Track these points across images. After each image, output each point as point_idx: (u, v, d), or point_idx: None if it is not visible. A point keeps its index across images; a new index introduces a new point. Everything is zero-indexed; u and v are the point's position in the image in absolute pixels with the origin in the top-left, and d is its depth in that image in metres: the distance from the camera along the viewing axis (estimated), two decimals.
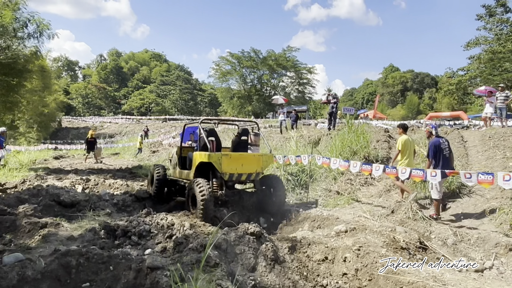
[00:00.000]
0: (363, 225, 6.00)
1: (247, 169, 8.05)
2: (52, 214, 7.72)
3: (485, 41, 45.08)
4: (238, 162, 7.95)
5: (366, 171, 7.34)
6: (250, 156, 8.34)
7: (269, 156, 8.43)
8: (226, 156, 7.80)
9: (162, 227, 6.43)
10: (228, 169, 7.78)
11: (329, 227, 6.39)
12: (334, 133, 14.65)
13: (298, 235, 5.72)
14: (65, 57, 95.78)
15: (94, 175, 14.29)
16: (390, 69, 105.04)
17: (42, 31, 14.55)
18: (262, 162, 8.22)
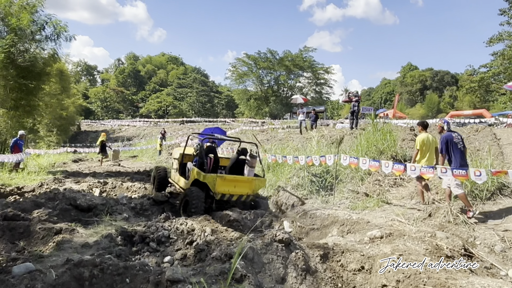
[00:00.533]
0: (399, 230, 5.51)
1: (239, 191, 8.56)
2: (69, 218, 7.48)
3: (508, 36, 43.69)
4: (232, 184, 8.49)
5: (398, 171, 6.82)
6: (244, 179, 8.78)
7: (261, 180, 8.91)
8: (220, 177, 8.35)
9: (181, 232, 6.06)
10: (221, 190, 8.33)
11: (360, 232, 5.91)
12: (357, 132, 14.11)
13: (329, 241, 5.27)
14: (84, 62, 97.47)
15: (112, 178, 14.09)
16: (409, 68, 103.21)
17: (59, 33, 14.47)
18: (254, 186, 8.70)
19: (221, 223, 7.03)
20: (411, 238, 4.90)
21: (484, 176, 5.76)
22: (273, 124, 34.50)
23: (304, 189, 9.15)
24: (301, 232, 7.01)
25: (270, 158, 10.68)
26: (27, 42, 13.71)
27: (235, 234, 5.75)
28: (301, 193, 8.98)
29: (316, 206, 8.23)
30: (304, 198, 8.85)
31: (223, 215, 7.33)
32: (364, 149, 10.00)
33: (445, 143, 6.88)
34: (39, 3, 13.66)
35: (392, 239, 5.03)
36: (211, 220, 6.55)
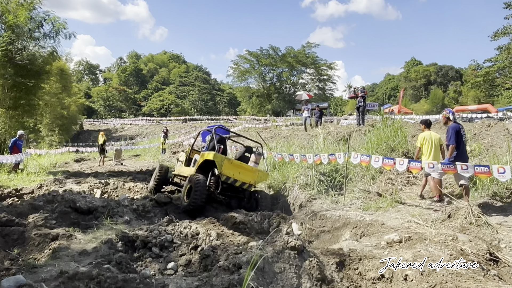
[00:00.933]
0: (418, 233, 5.16)
1: (243, 178, 8.97)
2: (68, 221, 7.16)
3: None
4: (237, 169, 8.93)
5: (415, 169, 6.45)
6: (249, 167, 9.29)
7: (264, 173, 9.56)
8: (228, 160, 8.85)
9: (185, 236, 5.74)
10: (226, 172, 8.71)
11: (376, 235, 5.56)
12: (364, 129, 13.74)
13: (343, 246, 4.92)
14: (86, 61, 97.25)
15: (114, 178, 13.78)
16: (412, 63, 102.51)
17: (58, 31, 14.12)
18: (257, 177, 9.22)
19: (227, 225, 6.69)
20: (433, 242, 4.54)
21: (509, 173, 5.39)
22: (276, 121, 34.13)
23: (312, 188, 8.79)
24: (311, 234, 6.67)
25: (276, 156, 10.33)
26: (25, 39, 13.38)
27: (242, 239, 5.42)
28: (309, 193, 8.63)
29: (325, 206, 7.87)
30: (313, 198, 8.49)
31: (229, 217, 6.99)
32: (374, 146, 9.63)
33: (454, 133, 6.70)
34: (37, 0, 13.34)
35: (412, 243, 4.68)
36: (216, 223, 6.22)
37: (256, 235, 6.57)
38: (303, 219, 7.18)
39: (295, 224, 6.87)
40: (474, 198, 6.82)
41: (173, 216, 6.33)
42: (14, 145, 13.43)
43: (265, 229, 6.94)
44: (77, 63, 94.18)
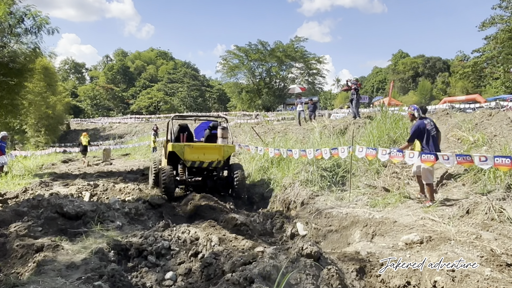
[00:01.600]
0: (437, 232, 4.77)
1: (209, 157, 9.55)
2: (55, 228, 6.65)
3: (501, 20, 43.33)
4: (201, 151, 9.53)
5: (429, 162, 6.02)
6: (212, 146, 9.78)
7: (230, 146, 9.97)
8: (188, 146, 9.50)
9: (184, 242, 5.26)
10: (190, 157, 9.42)
11: (390, 235, 5.15)
12: (361, 122, 13.36)
13: (359, 249, 4.51)
14: (71, 60, 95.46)
15: (104, 179, 13.24)
16: (400, 55, 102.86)
17: (40, 26, 13.41)
18: (223, 152, 9.66)
19: (227, 228, 6.23)
20: (458, 242, 4.15)
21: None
22: (267, 116, 33.68)
23: (314, 185, 8.36)
24: (318, 235, 6.24)
25: (272, 152, 9.88)
26: (6, 36, 12.67)
27: (247, 243, 4.96)
28: (311, 190, 8.20)
29: (329, 204, 7.45)
30: (315, 195, 8.07)
31: (229, 219, 6.53)
32: (376, 139, 9.25)
33: (415, 130, 6.64)
34: None
35: (435, 244, 4.28)
36: (216, 226, 5.74)
37: (259, 237, 6.13)
38: (308, 218, 6.76)
39: (300, 224, 6.44)
40: (485, 191, 6.44)
41: (169, 220, 5.84)
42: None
43: (268, 230, 6.52)
44: (62, 62, 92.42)
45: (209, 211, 7.75)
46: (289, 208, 8.35)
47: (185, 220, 7.46)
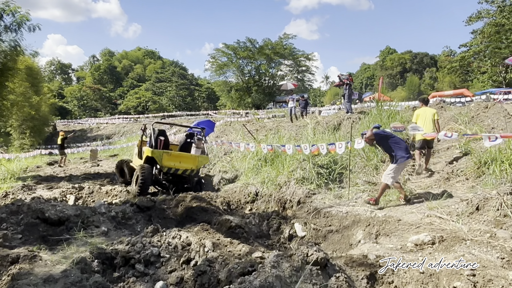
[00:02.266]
0: (446, 230, 4.44)
1: (184, 165, 10.31)
2: (36, 235, 6.19)
3: (487, 14, 43.65)
4: (177, 159, 10.30)
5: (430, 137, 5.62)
6: (188, 155, 10.59)
7: (204, 157, 10.87)
8: (167, 153, 10.22)
9: (175, 248, 4.85)
10: (167, 164, 10.15)
11: (396, 235, 4.82)
12: (354, 117, 13.06)
13: (365, 251, 4.16)
14: (57, 61, 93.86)
15: (90, 181, 12.74)
16: (387, 52, 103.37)
17: (21, 23, 12.81)
18: (198, 162, 10.48)
19: (221, 231, 5.84)
20: (475, 242, 3.82)
21: None
22: (257, 114, 33.31)
23: (310, 183, 7.99)
24: (317, 235, 5.89)
25: (265, 148, 9.49)
26: None
27: (243, 248, 4.57)
28: (308, 188, 7.84)
29: (327, 202, 7.10)
30: (312, 193, 7.71)
31: (223, 221, 6.13)
32: None
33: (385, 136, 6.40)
34: None
35: (448, 245, 3.95)
36: (209, 229, 5.33)
37: (255, 240, 5.75)
38: (306, 218, 6.39)
39: (298, 225, 6.08)
40: (491, 185, 6.15)
41: (158, 225, 5.41)
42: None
43: (264, 232, 6.14)
44: (48, 63, 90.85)
45: (201, 213, 7.34)
46: (285, 208, 7.98)
47: (176, 223, 7.04)
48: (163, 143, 10.86)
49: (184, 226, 6.11)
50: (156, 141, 10.65)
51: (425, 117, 7.75)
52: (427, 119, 7.71)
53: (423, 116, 7.79)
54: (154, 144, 10.54)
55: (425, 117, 7.75)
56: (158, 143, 10.71)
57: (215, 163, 13.58)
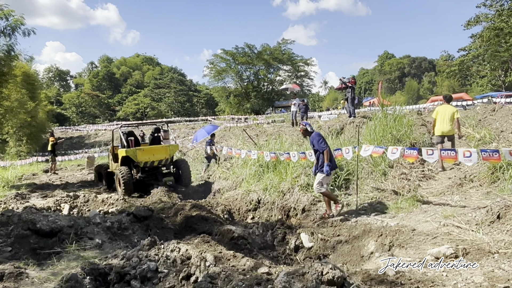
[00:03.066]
0: (470, 242, 4.09)
1: (158, 157, 11.38)
2: (27, 247, 5.84)
3: (486, 18, 43.60)
4: (150, 153, 11.32)
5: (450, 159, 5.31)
6: (159, 147, 11.67)
7: (175, 146, 12.15)
8: (140, 149, 11.16)
9: (174, 262, 4.49)
10: (142, 159, 11.09)
11: (412, 246, 4.47)
12: (358, 121, 12.75)
13: (381, 266, 3.80)
14: (56, 68, 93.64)
15: (86, 189, 12.39)
16: (386, 56, 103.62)
17: (15, 27, 12.49)
18: (170, 151, 11.62)
19: (223, 242, 5.48)
20: (503, 256, 3.47)
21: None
22: (257, 119, 33.01)
23: None
24: (325, 246, 5.52)
25: (268, 156, 9.14)
26: None
27: (248, 263, 4.21)
28: (312, 195, 7.48)
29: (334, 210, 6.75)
30: (317, 200, 7.36)
31: (224, 232, 5.77)
32: (379, 138, 8.59)
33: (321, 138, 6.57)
34: None
35: (473, 259, 3.61)
36: (211, 241, 4.97)
37: (259, 252, 5.40)
38: (312, 227, 6.03)
39: (305, 235, 5.71)
40: (508, 191, 5.80)
41: (156, 237, 5.04)
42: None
43: (269, 243, 5.78)
44: (46, 70, 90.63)
45: (201, 222, 6.99)
46: (289, 216, 7.63)
47: (175, 233, 6.68)
48: (134, 142, 11.67)
49: (184, 237, 5.76)
50: (127, 142, 11.52)
51: (444, 114, 8.09)
52: (446, 116, 8.05)
53: (442, 113, 8.14)
54: (126, 144, 11.45)
55: (444, 114, 8.09)
56: (129, 143, 11.51)
57: (215, 170, 13.22)
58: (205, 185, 12.31)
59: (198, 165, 15.31)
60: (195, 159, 17.17)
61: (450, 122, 8.08)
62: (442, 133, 8.12)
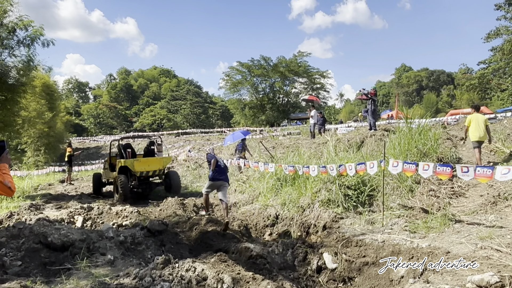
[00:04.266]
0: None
1: (153, 167, 12.56)
2: (37, 261, 5.65)
3: (506, 31, 42.79)
4: (146, 163, 12.50)
5: (484, 178, 4.91)
6: (154, 159, 12.92)
7: (167, 158, 13.67)
8: (137, 160, 12.44)
9: (189, 283, 4.19)
10: (139, 169, 12.22)
11: (448, 271, 4.08)
12: (379, 134, 12.33)
13: None
14: (75, 79, 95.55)
15: (101, 200, 12.24)
16: (403, 69, 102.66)
17: (34, 38, 12.58)
18: (163, 162, 12.86)
19: (241, 260, 5.17)
20: None
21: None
22: (272, 131, 32.74)
23: (337, 205, 7.25)
24: (350, 268, 5.15)
25: (287, 169, 8.82)
26: None
27: (268, 286, 3.89)
28: (334, 211, 7.11)
29: (358, 228, 6.37)
30: (339, 217, 6.98)
31: (242, 250, 5.46)
32: (404, 152, 8.19)
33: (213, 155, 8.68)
34: (7, 2, 11.67)
35: None
36: (228, 261, 4.66)
37: (279, 272, 5.05)
38: (335, 247, 5.66)
39: (328, 255, 5.35)
40: None
41: (170, 255, 4.75)
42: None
43: (289, 263, 5.43)
44: (66, 82, 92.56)
45: (217, 238, 6.69)
46: (309, 233, 7.25)
47: (190, 249, 6.39)
48: (131, 154, 13.16)
49: (199, 255, 5.47)
50: (125, 153, 12.94)
51: (478, 122, 8.79)
52: (479, 124, 8.74)
53: (476, 121, 8.83)
54: (124, 155, 12.76)
55: (477, 122, 8.79)
56: (127, 154, 12.92)
57: (231, 182, 12.93)
58: None
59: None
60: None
61: (483, 129, 8.73)
62: (479, 138, 8.68)
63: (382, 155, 6.82)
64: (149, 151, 13.80)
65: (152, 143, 14.06)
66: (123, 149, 13.01)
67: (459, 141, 10.65)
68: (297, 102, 57.65)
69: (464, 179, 5.43)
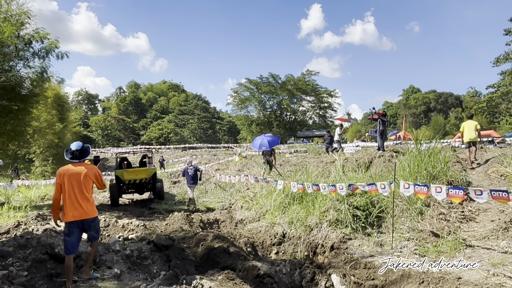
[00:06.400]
0: None
1: (139, 176, 15.53)
2: (43, 273, 5.64)
3: None
4: (134, 173, 15.56)
5: (502, 200, 4.84)
6: (140, 169, 16.06)
7: (153, 168, 16.37)
8: (126, 171, 15.46)
9: None
10: (127, 178, 15.33)
11: None
12: (387, 155, 12.28)
13: None
14: (85, 91, 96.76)
15: (107, 212, 12.23)
16: (411, 91, 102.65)
17: (49, 50, 12.82)
18: (149, 172, 15.68)
19: (248, 279, 5.11)
20: None
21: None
22: (279, 148, 32.73)
23: (345, 226, 7.18)
24: None
25: (296, 186, 8.77)
26: (12, 59, 12.03)
27: None
28: (342, 232, 7.04)
29: (366, 249, 6.29)
30: (347, 238, 6.91)
31: (249, 268, 5.40)
32: (414, 174, 8.13)
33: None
34: (25, 15, 11.98)
35: None
36: (236, 279, 4.61)
37: None
38: (344, 268, 5.58)
39: (336, 277, 5.27)
40: None
41: (177, 270, 4.71)
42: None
43: (296, 283, 5.35)
44: (76, 93, 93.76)
45: (223, 255, 6.62)
46: (316, 253, 7.17)
47: (196, 266, 6.33)
48: (127, 165, 16.59)
49: (205, 271, 5.42)
50: (120, 165, 16.44)
51: (469, 127, 11.25)
52: (470, 128, 11.20)
53: (468, 126, 11.31)
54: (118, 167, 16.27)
55: (469, 127, 11.26)
56: (122, 166, 16.22)
57: (237, 199, 12.90)
58: None
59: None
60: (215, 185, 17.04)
61: (474, 132, 11.11)
62: (470, 140, 11.09)
63: (392, 177, 6.78)
64: (142, 163, 17.59)
65: (145, 156, 17.74)
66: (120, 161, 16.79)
67: (468, 164, 10.73)
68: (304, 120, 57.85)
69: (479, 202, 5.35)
